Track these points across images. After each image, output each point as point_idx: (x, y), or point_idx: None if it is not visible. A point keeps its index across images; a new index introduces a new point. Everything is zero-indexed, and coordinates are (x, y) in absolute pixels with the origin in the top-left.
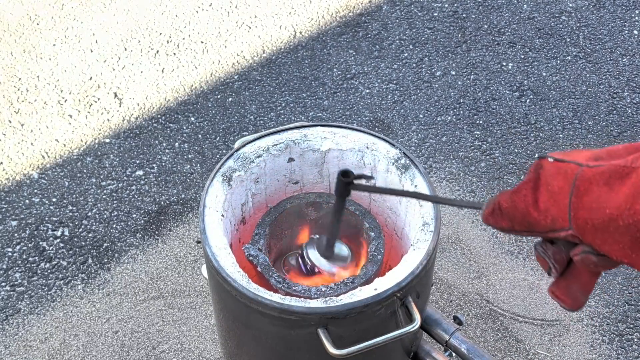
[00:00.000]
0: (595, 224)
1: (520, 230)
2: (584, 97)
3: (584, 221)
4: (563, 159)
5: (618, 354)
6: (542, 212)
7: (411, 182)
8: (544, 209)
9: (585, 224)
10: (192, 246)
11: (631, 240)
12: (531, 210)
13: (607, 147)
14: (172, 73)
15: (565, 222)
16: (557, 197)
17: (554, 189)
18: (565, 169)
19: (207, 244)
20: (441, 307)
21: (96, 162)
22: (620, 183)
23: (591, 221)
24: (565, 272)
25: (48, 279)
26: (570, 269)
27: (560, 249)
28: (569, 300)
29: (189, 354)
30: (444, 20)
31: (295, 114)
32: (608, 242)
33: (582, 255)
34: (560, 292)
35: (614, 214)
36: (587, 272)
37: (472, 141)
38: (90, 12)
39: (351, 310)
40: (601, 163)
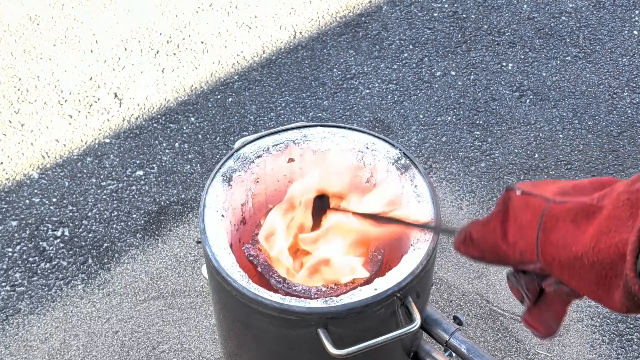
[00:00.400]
0: (561, 260)
1: (491, 260)
2: (584, 97)
3: (551, 257)
4: (531, 192)
5: (618, 354)
6: (511, 245)
7: (411, 182)
8: (513, 242)
9: (552, 260)
10: (192, 246)
11: (596, 277)
12: (500, 243)
13: (573, 181)
14: (172, 73)
15: (533, 255)
16: (526, 231)
17: (522, 222)
18: (533, 203)
19: (207, 244)
20: (441, 307)
21: (96, 162)
22: (586, 222)
23: (558, 257)
24: (538, 301)
25: (48, 279)
26: (542, 298)
27: (533, 278)
28: (541, 329)
29: (189, 354)
30: (444, 21)
31: (295, 114)
32: (575, 278)
33: (555, 286)
34: (533, 320)
35: (579, 252)
36: (559, 301)
37: (472, 141)
38: (90, 12)
39: (351, 310)
40: (567, 199)
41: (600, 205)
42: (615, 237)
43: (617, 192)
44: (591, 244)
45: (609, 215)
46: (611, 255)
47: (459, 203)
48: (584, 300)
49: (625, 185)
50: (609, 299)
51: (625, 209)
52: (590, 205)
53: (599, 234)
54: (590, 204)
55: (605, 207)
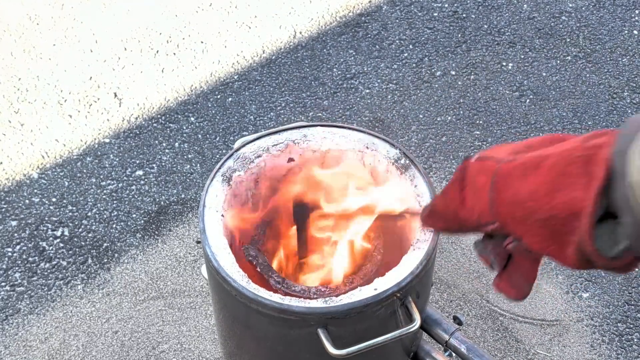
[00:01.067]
0: (515, 217)
1: (455, 229)
2: (584, 97)
3: (504, 215)
4: (485, 157)
5: (618, 354)
6: (469, 209)
7: (411, 182)
8: (470, 206)
9: (506, 218)
10: (192, 246)
11: (550, 233)
12: (459, 209)
13: (525, 141)
14: (172, 73)
15: (490, 216)
16: (480, 194)
17: (477, 186)
18: (486, 165)
19: (207, 244)
20: (441, 307)
21: (96, 162)
22: (533, 173)
23: (512, 215)
24: (507, 265)
25: (48, 279)
26: (511, 262)
27: (499, 243)
28: (513, 291)
29: (188, 354)
30: (444, 20)
31: (295, 114)
32: (529, 234)
33: (514, 243)
34: (504, 284)
35: (533, 207)
36: (527, 260)
37: (472, 141)
38: (90, 12)
39: (351, 310)
40: (517, 157)
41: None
42: (569, 194)
43: (569, 147)
44: (544, 200)
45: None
46: (564, 212)
47: None
48: (584, 301)
49: (578, 141)
50: (562, 255)
51: (577, 166)
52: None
53: (552, 191)
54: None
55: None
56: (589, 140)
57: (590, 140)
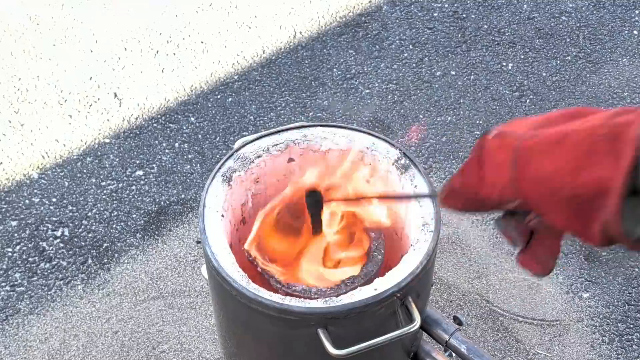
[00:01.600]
0: (538, 194)
1: (475, 207)
2: (584, 97)
3: (527, 192)
4: (504, 132)
5: (618, 354)
6: (490, 187)
7: (411, 182)
8: (491, 183)
9: (529, 195)
10: (192, 246)
11: (575, 211)
12: (479, 187)
13: (545, 114)
14: (172, 73)
15: (511, 193)
16: (501, 170)
17: (497, 162)
18: (506, 141)
19: (207, 244)
20: (441, 307)
21: (96, 162)
22: (556, 150)
23: (535, 191)
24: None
25: (48, 279)
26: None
27: (521, 220)
28: (538, 266)
29: (189, 354)
30: (444, 21)
31: (295, 114)
32: (552, 211)
33: (536, 220)
34: (528, 260)
35: (558, 185)
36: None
37: (472, 141)
38: (90, 12)
39: (351, 310)
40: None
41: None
42: (595, 173)
43: (593, 125)
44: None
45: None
46: (590, 191)
47: None
48: (584, 301)
49: (603, 118)
50: (587, 232)
51: (603, 144)
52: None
53: (577, 169)
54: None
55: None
56: (615, 117)
57: (616, 117)
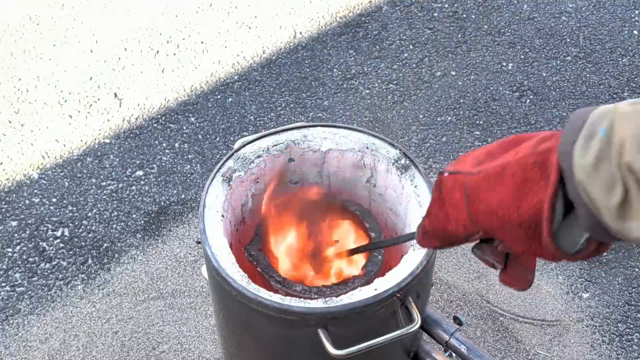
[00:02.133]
0: (493, 226)
1: (450, 243)
2: (584, 97)
3: (485, 225)
4: (455, 171)
5: (618, 354)
6: (454, 224)
7: (411, 182)
8: (454, 220)
9: (486, 227)
10: (192, 246)
11: (526, 236)
12: (446, 225)
13: (486, 147)
14: (172, 73)
15: (472, 227)
16: (459, 208)
17: (454, 201)
18: (458, 180)
19: (207, 244)
20: (441, 307)
21: (96, 162)
22: (498, 184)
23: (489, 224)
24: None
25: (48, 279)
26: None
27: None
28: (518, 283)
29: (189, 354)
30: (444, 21)
31: (295, 115)
32: (507, 239)
33: (502, 245)
34: (509, 278)
35: (506, 216)
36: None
37: (472, 141)
38: (90, 12)
39: (351, 310)
40: (481, 168)
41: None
42: (534, 198)
43: (523, 155)
44: (514, 207)
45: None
46: (533, 215)
47: None
48: (584, 301)
49: (530, 147)
50: (542, 252)
51: (535, 171)
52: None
53: (519, 198)
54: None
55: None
56: (540, 145)
57: (540, 145)
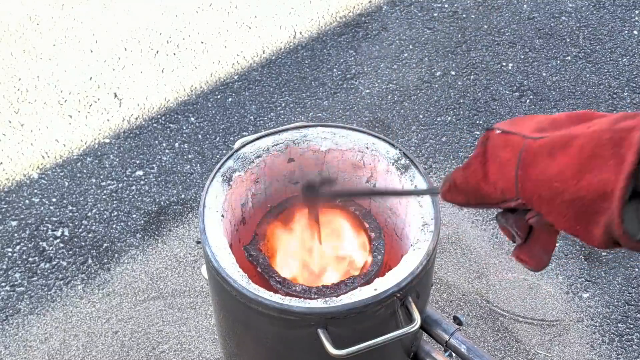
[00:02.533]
0: (541, 195)
1: (476, 203)
2: (584, 97)
3: (530, 192)
4: (509, 131)
5: (618, 354)
6: (492, 184)
7: (411, 182)
8: (493, 181)
9: (531, 195)
10: (192, 246)
11: (576, 213)
12: (482, 183)
13: (551, 116)
14: (172, 73)
15: (513, 192)
16: (505, 169)
17: (502, 161)
18: (511, 140)
19: (207, 244)
20: (441, 307)
21: (96, 162)
22: (562, 153)
23: (538, 193)
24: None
25: (48, 279)
26: (531, 234)
27: (521, 216)
28: (532, 261)
29: (188, 354)
30: (444, 21)
31: (295, 114)
32: (554, 212)
33: (536, 218)
34: (524, 254)
35: (560, 188)
36: (546, 232)
37: (472, 141)
38: (90, 12)
39: (351, 310)
40: (544, 134)
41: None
42: (597, 176)
43: (598, 129)
44: (572, 181)
45: (591, 154)
46: (592, 193)
47: None
48: (584, 301)
49: (607, 122)
50: (587, 234)
51: (607, 148)
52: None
53: (581, 172)
54: (565, 135)
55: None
56: (619, 122)
57: (620, 122)
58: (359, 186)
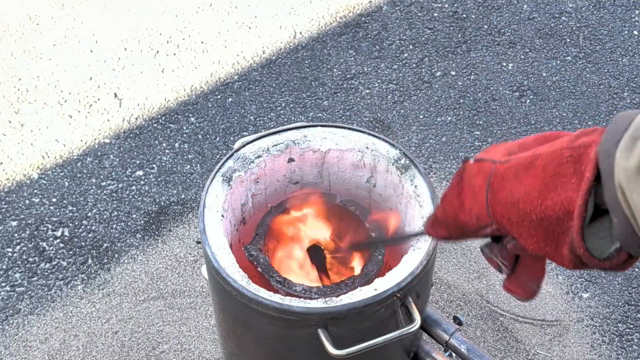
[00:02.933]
0: (511, 218)
1: (457, 235)
2: (584, 97)
3: (500, 216)
4: (481, 158)
5: (618, 355)
6: (468, 212)
7: (411, 182)
8: (469, 209)
9: (502, 219)
10: (192, 246)
11: (544, 234)
12: (459, 213)
13: (520, 140)
14: (172, 73)
15: (487, 218)
16: (477, 195)
17: (474, 188)
18: (483, 167)
19: (207, 244)
20: (441, 307)
21: (96, 162)
22: (526, 174)
23: (507, 216)
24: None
25: (48, 279)
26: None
27: (505, 246)
28: (521, 291)
29: (189, 355)
30: (444, 21)
31: (295, 114)
32: (523, 235)
33: (512, 243)
34: (512, 285)
35: (527, 209)
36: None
37: (472, 141)
38: (90, 12)
39: (351, 310)
40: (511, 157)
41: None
42: (561, 194)
43: (558, 147)
44: (538, 201)
45: (553, 172)
46: (557, 212)
47: None
48: (584, 301)
49: (567, 140)
50: (557, 255)
51: (568, 166)
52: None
53: (545, 191)
54: (529, 156)
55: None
56: (578, 139)
57: (578, 139)
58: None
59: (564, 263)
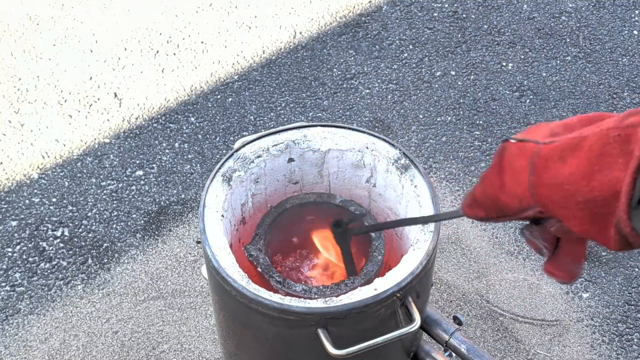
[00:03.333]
0: (555, 200)
1: (497, 216)
2: (584, 97)
3: (544, 198)
4: (523, 139)
5: (618, 354)
6: (509, 194)
7: (411, 182)
8: (510, 190)
9: (546, 201)
10: (192, 246)
11: (590, 215)
12: (499, 194)
13: (565, 120)
14: (172, 73)
15: (530, 200)
16: (519, 176)
17: (516, 169)
18: (525, 148)
19: (207, 244)
20: (441, 307)
21: (96, 162)
22: (572, 155)
23: (551, 197)
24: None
25: (48, 279)
26: (559, 246)
27: (546, 228)
28: (561, 274)
29: (188, 354)
30: (444, 21)
31: (295, 114)
32: (569, 217)
33: (557, 225)
34: (553, 267)
35: (572, 190)
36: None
37: (472, 141)
38: (90, 12)
39: (351, 310)
40: (556, 139)
41: (584, 135)
42: (608, 175)
43: (606, 127)
44: (584, 182)
45: (599, 152)
46: (604, 193)
47: (459, 203)
48: (584, 301)
49: (615, 120)
50: (603, 236)
51: (615, 146)
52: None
53: (591, 172)
54: (576, 137)
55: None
56: (625, 119)
57: (626, 119)
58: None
59: (610, 244)
